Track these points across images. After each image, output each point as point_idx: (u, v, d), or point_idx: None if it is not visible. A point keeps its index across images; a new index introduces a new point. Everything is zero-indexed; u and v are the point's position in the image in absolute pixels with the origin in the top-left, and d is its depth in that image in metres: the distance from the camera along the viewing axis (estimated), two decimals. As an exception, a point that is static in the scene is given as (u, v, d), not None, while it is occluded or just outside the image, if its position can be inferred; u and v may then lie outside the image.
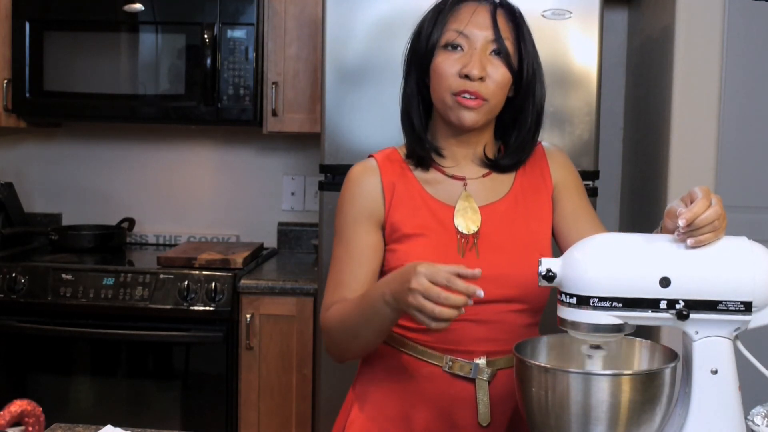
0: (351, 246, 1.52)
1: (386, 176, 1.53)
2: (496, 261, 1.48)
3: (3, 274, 2.86)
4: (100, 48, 3.06)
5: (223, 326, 2.80)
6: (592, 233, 1.54)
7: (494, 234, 1.51)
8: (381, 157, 1.56)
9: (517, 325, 1.51)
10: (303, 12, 3.01)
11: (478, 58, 1.45)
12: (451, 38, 1.47)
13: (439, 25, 1.49)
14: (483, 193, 1.54)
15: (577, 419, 1.18)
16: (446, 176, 1.54)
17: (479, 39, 1.46)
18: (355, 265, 1.51)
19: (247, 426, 2.85)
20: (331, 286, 1.53)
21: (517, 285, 1.48)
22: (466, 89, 1.45)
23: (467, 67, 1.44)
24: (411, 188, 1.53)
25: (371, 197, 1.52)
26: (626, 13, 3.34)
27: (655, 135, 2.91)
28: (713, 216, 1.19)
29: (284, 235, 3.45)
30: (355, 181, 1.54)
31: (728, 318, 1.21)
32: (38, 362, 2.88)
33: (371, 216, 1.52)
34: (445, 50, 1.47)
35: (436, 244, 1.48)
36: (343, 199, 1.55)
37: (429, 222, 1.50)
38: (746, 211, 2.73)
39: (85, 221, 3.45)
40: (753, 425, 1.26)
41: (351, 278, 1.50)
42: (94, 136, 3.49)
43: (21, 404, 1.31)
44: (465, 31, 1.46)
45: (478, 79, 1.44)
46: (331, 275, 1.54)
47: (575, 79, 2.46)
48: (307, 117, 3.03)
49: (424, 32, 1.51)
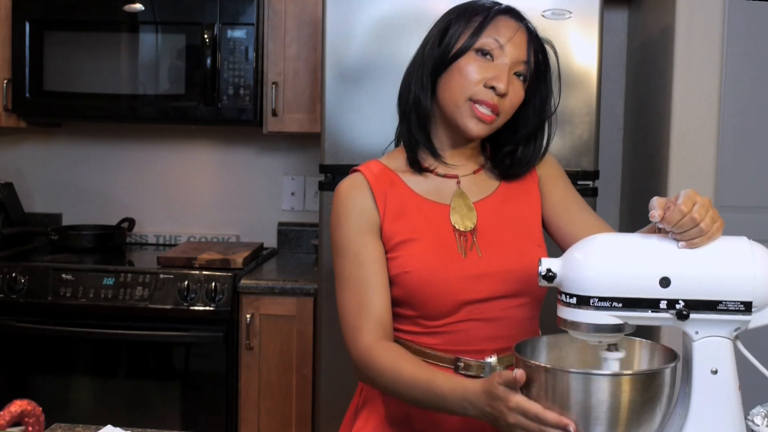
0: (361, 259, 1.48)
1: (377, 189, 1.51)
2: (497, 258, 1.49)
3: (3, 274, 2.86)
4: (100, 48, 3.06)
5: (223, 326, 2.80)
6: (584, 219, 1.57)
7: (491, 230, 1.51)
8: (367, 171, 1.54)
9: (522, 319, 1.52)
10: (303, 12, 3.01)
11: (507, 76, 1.45)
12: (488, 45, 1.46)
13: (478, 29, 1.47)
14: (475, 188, 1.55)
15: (577, 419, 1.18)
16: (438, 176, 1.54)
17: (511, 56, 1.46)
18: (371, 278, 1.47)
19: (247, 426, 2.85)
20: (354, 306, 1.47)
21: (519, 280, 1.49)
22: (487, 101, 1.45)
23: (496, 80, 1.44)
24: (402, 195, 1.51)
25: (367, 210, 1.50)
26: (626, 13, 3.34)
27: (655, 135, 2.91)
28: (693, 219, 1.19)
29: (284, 235, 3.45)
30: (348, 196, 1.51)
31: (728, 318, 1.21)
32: (38, 362, 2.88)
33: (371, 226, 1.49)
34: (476, 54, 1.46)
35: (436, 246, 1.48)
36: (338, 215, 1.51)
37: (423, 224, 1.49)
38: (746, 211, 2.73)
39: (85, 221, 3.45)
40: (753, 425, 1.26)
41: (373, 293, 1.46)
42: (94, 136, 3.49)
43: (21, 404, 1.31)
44: (504, 44, 1.46)
45: (501, 95, 1.45)
46: (348, 294, 1.48)
47: (575, 79, 2.46)
48: (307, 117, 3.03)
49: (455, 30, 1.48)
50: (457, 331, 1.47)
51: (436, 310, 1.47)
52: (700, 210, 1.20)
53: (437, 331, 1.48)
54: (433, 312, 1.47)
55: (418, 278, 1.45)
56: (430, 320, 1.48)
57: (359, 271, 1.47)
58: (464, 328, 1.47)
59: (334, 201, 1.53)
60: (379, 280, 1.47)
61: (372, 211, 1.50)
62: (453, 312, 1.47)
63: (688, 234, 1.21)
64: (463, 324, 1.47)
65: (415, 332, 1.49)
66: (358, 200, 1.50)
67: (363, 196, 1.51)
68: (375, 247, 1.48)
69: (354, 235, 1.49)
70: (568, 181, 1.64)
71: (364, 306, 1.46)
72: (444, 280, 1.45)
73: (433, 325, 1.48)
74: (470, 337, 1.48)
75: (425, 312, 1.47)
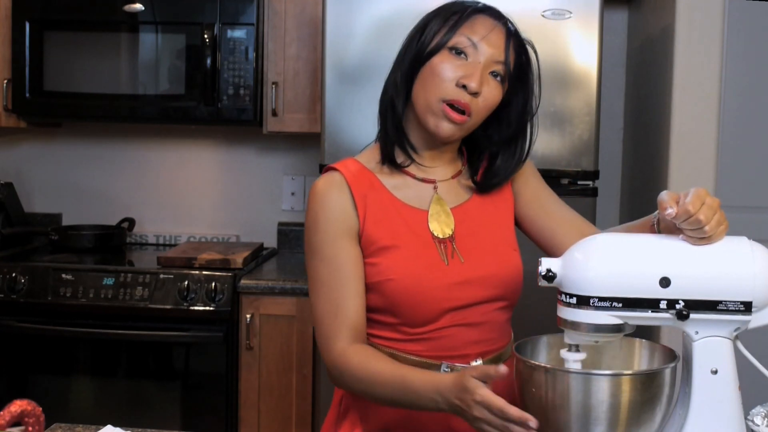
0: (337, 264, 1.45)
1: (356, 188, 1.47)
2: (479, 263, 1.48)
3: (3, 274, 2.86)
4: (100, 48, 3.06)
5: (223, 326, 2.80)
6: (561, 214, 1.58)
7: (469, 235, 1.50)
8: (345, 170, 1.49)
9: (500, 322, 1.53)
10: (303, 12, 3.01)
11: (480, 74, 1.42)
12: (461, 43, 1.44)
13: (452, 28, 1.45)
14: (452, 194, 1.53)
15: (577, 419, 1.19)
16: (416, 180, 1.52)
17: (486, 55, 1.43)
18: (345, 283, 1.44)
19: (247, 426, 2.85)
20: (328, 311, 1.45)
21: (499, 284, 1.49)
22: (459, 100, 1.42)
23: (467, 78, 1.41)
24: (382, 198, 1.49)
25: (345, 211, 1.46)
26: (626, 13, 3.34)
27: (655, 135, 2.91)
28: (699, 220, 1.18)
29: (284, 235, 3.45)
30: (325, 197, 1.47)
31: (728, 318, 1.21)
32: (38, 362, 2.88)
33: (349, 230, 1.46)
34: (450, 53, 1.44)
35: (417, 253, 1.46)
36: (315, 216, 1.47)
37: (404, 231, 1.47)
38: (746, 211, 2.73)
39: (85, 221, 3.45)
40: (753, 425, 1.26)
41: (347, 299, 1.44)
42: (94, 136, 3.49)
43: (21, 404, 1.31)
44: (477, 42, 1.44)
45: (473, 93, 1.42)
46: (322, 299, 1.46)
47: (575, 79, 2.46)
48: (307, 117, 3.03)
49: (431, 28, 1.47)
50: (440, 338, 1.46)
51: (419, 317, 1.45)
52: (707, 212, 1.19)
53: (420, 337, 1.47)
54: (416, 319, 1.46)
55: (402, 286, 1.44)
56: (413, 327, 1.46)
57: (334, 276, 1.45)
58: (447, 334, 1.46)
59: (309, 201, 1.50)
60: (354, 286, 1.45)
61: (350, 213, 1.47)
62: (436, 319, 1.46)
63: (691, 233, 1.21)
64: (446, 330, 1.46)
65: (397, 339, 1.48)
66: (336, 201, 1.47)
67: (341, 196, 1.47)
68: (351, 251, 1.46)
69: (331, 239, 1.46)
70: (541, 178, 1.62)
71: (340, 311, 1.44)
72: (429, 288, 1.44)
73: (416, 332, 1.46)
74: (454, 342, 1.47)
75: (408, 319, 1.46)
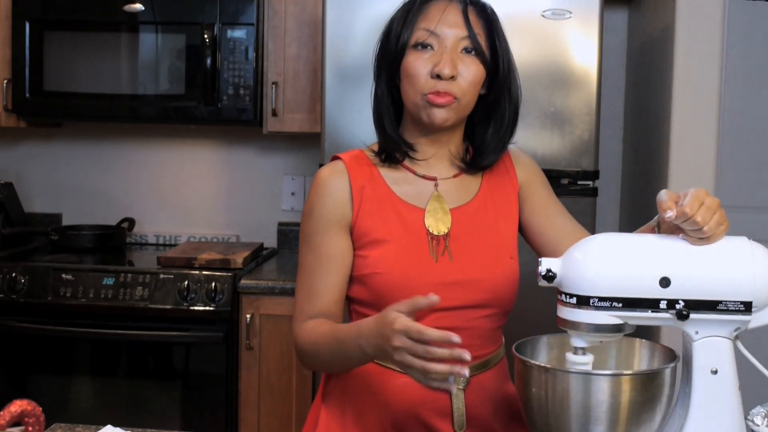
0: (321, 253, 1.48)
1: (355, 179, 1.49)
2: (468, 265, 1.47)
3: (3, 274, 2.86)
4: (100, 48, 3.06)
5: (223, 326, 2.80)
6: (564, 225, 1.57)
7: (464, 237, 1.49)
8: (348, 159, 1.53)
9: (487, 329, 1.50)
10: (303, 12, 3.01)
11: (449, 57, 1.43)
12: (421, 37, 1.45)
13: (409, 25, 1.46)
14: (454, 193, 1.52)
15: (577, 419, 1.19)
16: (417, 176, 1.52)
17: (450, 37, 1.44)
18: (325, 273, 1.47)
19: (247, 426, 2.85)
20: (303, 295, 1.49)
21: (488, 290, 1.48)
22: (437, 89, 1.43)
23: (438, 67, 1.42)
24: (380, 191, 1.50)
25: (340, 201, 1.49)
26: (626, 13, 3.34)
27: (655, 135, 2.91)
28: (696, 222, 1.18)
29: (284, 235, 3.45)
30: (324, 185, 1.50)
31: (728, 318, 1.21)
32: (38, 362, 2.88)
33: (341, 221, 1.48)
34: (415, 50, 1.45)
35: (408, 248, 1.46)
36: (311, 203, 1.51)
37: (397, 226, 1.47)
38: (746, 211, 2.73)
39: (85, 221, 3.45)
40: (753, 425, 1.26)
41: (322, 287, 1.47)
42: (94, 136, 3.49)
43: (21, 404, 1.31)
44: (435, 30, 1.44)
45: (449, 78, 1.42)
46: (302, 283, 1.50)
47: (575, 79, 2.46)
48: (307, 117, 3.03)
49: (394, 32, 1.48)
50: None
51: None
52: (705, 213, 1.18)
53: None
54: None
55: (388, 281, 1.44)
56: None
57: (317, 264, 1.48)
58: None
59: (311, 187, 1.53)
60: (334, 278, 1.47)
61: (345, 204, 1.48)
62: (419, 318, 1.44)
63: (691, 233, 1.21)
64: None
65: None
66: (334, 191, 1.49)
67: (339, 186, 1.49)
68: (339, 243, 1.48)
69: (322, 228, 1.49)
70: (549, 186, 1.62)
71: (313, 298, 1.47)
72: (415, 285, 1.43)
73: None
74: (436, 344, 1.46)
75: None
